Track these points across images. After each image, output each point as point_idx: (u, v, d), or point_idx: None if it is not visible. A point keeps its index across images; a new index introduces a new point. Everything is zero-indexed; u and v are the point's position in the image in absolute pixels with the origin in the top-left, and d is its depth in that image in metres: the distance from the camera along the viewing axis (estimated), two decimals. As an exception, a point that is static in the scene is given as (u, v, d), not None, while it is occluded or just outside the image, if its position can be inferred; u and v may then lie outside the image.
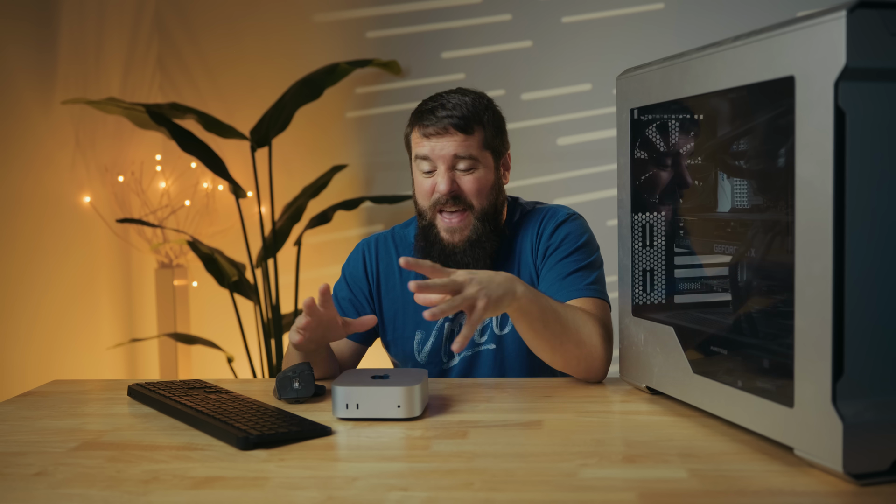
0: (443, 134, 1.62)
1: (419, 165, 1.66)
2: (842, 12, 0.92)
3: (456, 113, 1.62)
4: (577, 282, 1.60)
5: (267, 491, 1.00)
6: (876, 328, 0.96)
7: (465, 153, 1.62)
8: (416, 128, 1.66)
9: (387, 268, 1.75)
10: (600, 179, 2.96)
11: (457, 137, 1.62)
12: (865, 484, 0.96)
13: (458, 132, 1.62)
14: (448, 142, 1.61)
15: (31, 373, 2.48)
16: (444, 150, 1.62)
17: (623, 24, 2.93)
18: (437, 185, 1.63)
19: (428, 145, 1.63)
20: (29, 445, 1.20)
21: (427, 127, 1.63)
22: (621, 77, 1.39)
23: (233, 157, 3.08)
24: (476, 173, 1.64)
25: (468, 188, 1.63)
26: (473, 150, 1.63)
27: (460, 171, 1.63)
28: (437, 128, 1.62)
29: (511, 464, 1.08)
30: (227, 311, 3.07)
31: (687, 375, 1.25)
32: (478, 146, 1.64)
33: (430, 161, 1.63)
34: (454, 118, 1.62)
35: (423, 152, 1.64)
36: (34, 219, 2.57)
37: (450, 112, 1.62)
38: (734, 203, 1.27)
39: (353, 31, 3.07)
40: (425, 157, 1.64)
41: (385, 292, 1.74)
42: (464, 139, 1.62)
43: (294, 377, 1.40)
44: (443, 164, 1.62)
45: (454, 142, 1.62)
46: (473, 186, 1.63)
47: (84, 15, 2.85)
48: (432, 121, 1.62)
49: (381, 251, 1.76)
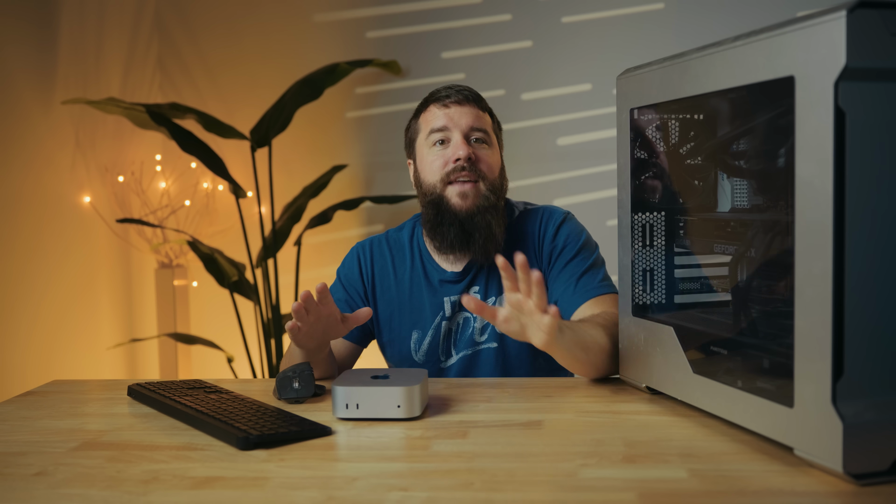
0: (462, 103, 1.67)
1: (431, 140, 1.67)
2: (842, 12, 0.92)
3: (470, 90, 1.71)
4: (590, 281, 1.63)
5: (267, 491, 1.00)
6: (876, 328, 0.96)
7: (479, 126, 1.67)
8: (430, 105, 1.70)
9: (381, 270, 1.75)
10: (600, 179, 2.96)
11: (473, 110, 1.68)
12: (865, 484, 0.96)
13: (475, 106, 1.68)
14: (465, 111, 1.67)
15: (31, 373, 2.48)
16: (462, 119, 1.66)
17: (623, 24, 2.93)
18: (455, 152, 1.64)
19: (445, 115, 1.66)
20: (29, 445, 1.20)
21: (447, 98, 1.68)
22: (621, 77, 1.39)
23: (233, 157, 3.08)
24: (489, 149, 1.68)
25: (483, 159, 1.66)
26: (486, 126, 1.69)
27: (475, 144, 1.66)
28: (457, 97, 1.67)
29: (511, 464, 1.08)
30: (227, 311, 3.07)
31: (687, 375, 1.25)
32: (489, 125, 1.70)
33: (445, 131, 1.66)
34: (471, 93, 1.70)
35: (440, 123, 1.66)
36: (34, 219, 2.57)
37: (465, 89, 1.71)
38: (734, 203, 1.27)
39: (353, 31, 3.07)
40: (441, 128, 1.66)
41: (380, 294, 1.74)
42: (479, 113, 1.69)
43: (294, 377, 1.40)
44: (459, 132, 1.65)
45: (471, 113, 1.67)
46: (487, 160, 1.67)
47: (84, 15, 2.85)
48: (450, 93, 1.68)
49: (377, 254, 1.76)
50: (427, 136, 1.68)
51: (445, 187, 1.65)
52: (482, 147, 1.67)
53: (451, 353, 1.70)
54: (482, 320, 1.68)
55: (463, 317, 1.71)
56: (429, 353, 1.71)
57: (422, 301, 1.72)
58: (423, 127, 1.70)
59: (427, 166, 1.68)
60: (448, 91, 1.69)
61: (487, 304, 1.33)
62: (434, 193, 1.67)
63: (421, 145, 1.71)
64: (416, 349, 1.72)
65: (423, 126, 1.70)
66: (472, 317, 1.70)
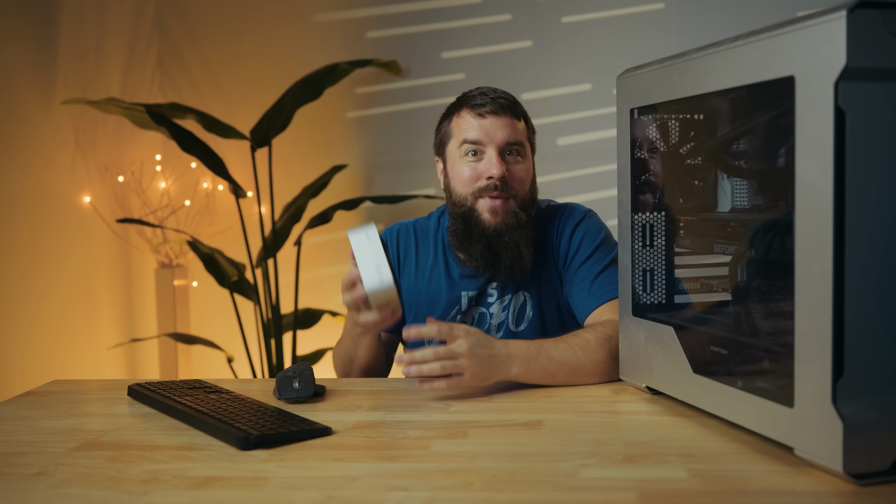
0: (498, 114, 1.62)
1: (463, 150, 1.63)
2: (842, 12, 0.92)
3: (507, 97, 1.66)
4: (605, 284, 1.61)
5: (267, 491, 1.00)
6: (876, 328, 0.96)
7: (515, 139, 1.63)
8: (464, 109, 1.65)
9: (405, 256, 1.76)
10: (600, 179, 2.96)
11: (509, 121, 1.63)
12: (865, 484, 0.96)
13: (510, 115, 1.63)
14: (501, 123, 1.61)
15: (31, 373, 2.48)
16: (498, 133, 1.61)
17: (623, 24, 2.93)
18: (489, 170, 1.60)
19: (480, 127, 1.61)
20: (29, 445, 1.20)
21: (483, 106, 1.62)
22: (621, 77, 1.39)
23: (233, 157, 3.08)
24: (524, 163, 1.65)
25: (516, 175, 1.63)
26: (521, 137, 1.65)
27: (510, 158, 1.63)
28: (493, 107, 1.62)
29: (511, 464, 1.08)
30: (227, 311, 3.07)
31: (687, 375, 1.25)
32: (524, 134, 1.66)
33: (479, 144, 1.62)
34: (507, 101, 1.65)
35: (474, 136, 1.62)
36: (34, 219, 2.57)
37: (500, 96, 1.65)
38: (734, 203, 1.27)
39: (353, 31, 3.07)
40: (475, 140, 1.62)
41: (403, 280, 1.75)
42: (515, 123, 1.64)
43: (294, 377, 1.40)
44: (493, 147, 1.61)
45: (507, 125, 1.62)
46: (520, 175, 1.63)
47: (84, 15, 2.85)
48: (485, 101, 1.63)
49: (402, 240, 1.77)
50: (460, 144, 1.64)
51: (476, 201, 1.63)
52: (516, 161, 1.63)
53: None
54: (498, 317, 1.68)
55: (479, 312, 1.70)
56: None
57: (439, 293, 1.71)
58: (456, 133, 1.66)
59: (458, 176, 1.65)
60: (484, 99, 1.63)
61: (442, 383, 1.42)
62: (464, 206, 1.64)
63: (453, 151, 1.67)
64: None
65: (456, 132, 1.66)
66: (489, 312, 1.69)
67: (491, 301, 1.70)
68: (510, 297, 1.69)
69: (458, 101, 1.69)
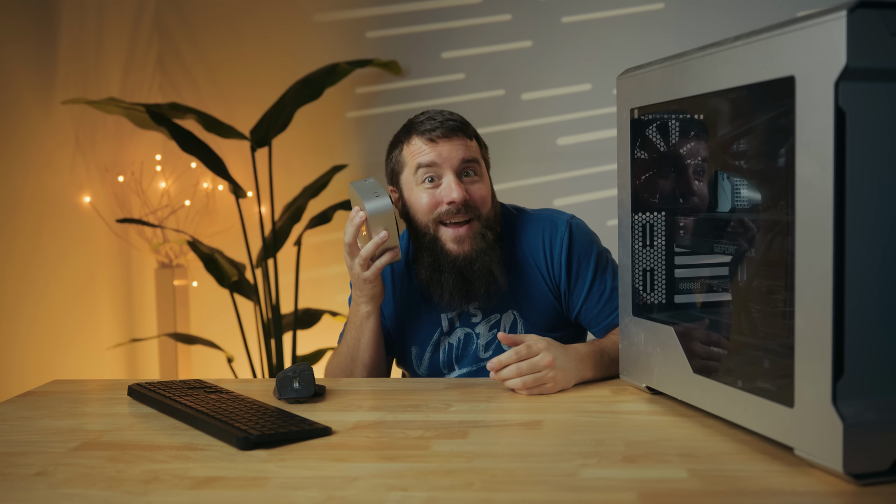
0: (450, 136, 1.58)
1: (420, 176, 1.59)
2: (842, 12, 0.92)
3: (455, 118, 1.61)
4: (613, 298, 1.63)
5: (267, 491, 1.00)
6: (876, 328, 0.96)
7: (470, 157, 1.59)
8: (414, 136, 1.60)
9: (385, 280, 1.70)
10: (600, 179, 2.96)
11: (461, 141, 1.59)
12: (865, 484, 0.96)
13: (462, 135, 1.59)
14: (454, 145, 1.58)
15: (31, 373, 2.48)
16: (452, 155, 1.57)
17: (623, 24, 2.93)
18: (448, 195, 1.56)
19: (433, 151, 1.57)
20: (29, 445, 1.20)
21: (433, 130, 1.58)
22: (621, 77, 1.39)
23: (233, 157, 3.08)
24: (481, 181, 1.61)
25: (476, 196, 1.59)
26: (476, 155, 1.61)
27: (467, 179, 1.59)
28: (444, 130, 1.58)
29: (511, 464, 1.08)
30: (227, 311, 3.07)
31: (687, 375, 1.25)
32: (478, 151, 1.63)
33: (435, 167, 1.57)
34: (456, 122, 1.60)
35: (428, 159, 1.57)
36: (34, 219, 2.57)
37: (449, 117, 1.61)
38: (734, 203, 1.27)
39: (353, 31, 3.07)
40: (430, 163, 1.57)
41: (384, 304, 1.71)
42: (467, 143, 1.60)
43: (294, 377, 1.40)
44: (451, 170, 1.57)
45: (460, 146, 1.58)
46: (480, 194, 1.60)
47: (84, 15, 2.85)
48: (435, 125, 1.58)
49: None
50: (415, 171, 1.59)
51: (438, 228, 1.59)
52: (473, 181, 1.59)
53: (454, 367, 1.69)
54: (485, 336, 1.67)
55: (464, 332, 1.67)
56: (430, 368, 1.69)
57: (419, 316, 1.69)
58: (409, 160, 1.60)
59: (417, 203, 1.60)
60: (433, 123, 1.59)
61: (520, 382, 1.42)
62: (427, 234, 1.60)
63: (408, 180, 1.61)
64: (418, 364, 1.70)
65: (409, 160, 1.60)
66: (475, 332, 1.67)
67: (475, 321, 1.67)
68: (498, 317, 1.66)
69: (405, 128, 1.64)
